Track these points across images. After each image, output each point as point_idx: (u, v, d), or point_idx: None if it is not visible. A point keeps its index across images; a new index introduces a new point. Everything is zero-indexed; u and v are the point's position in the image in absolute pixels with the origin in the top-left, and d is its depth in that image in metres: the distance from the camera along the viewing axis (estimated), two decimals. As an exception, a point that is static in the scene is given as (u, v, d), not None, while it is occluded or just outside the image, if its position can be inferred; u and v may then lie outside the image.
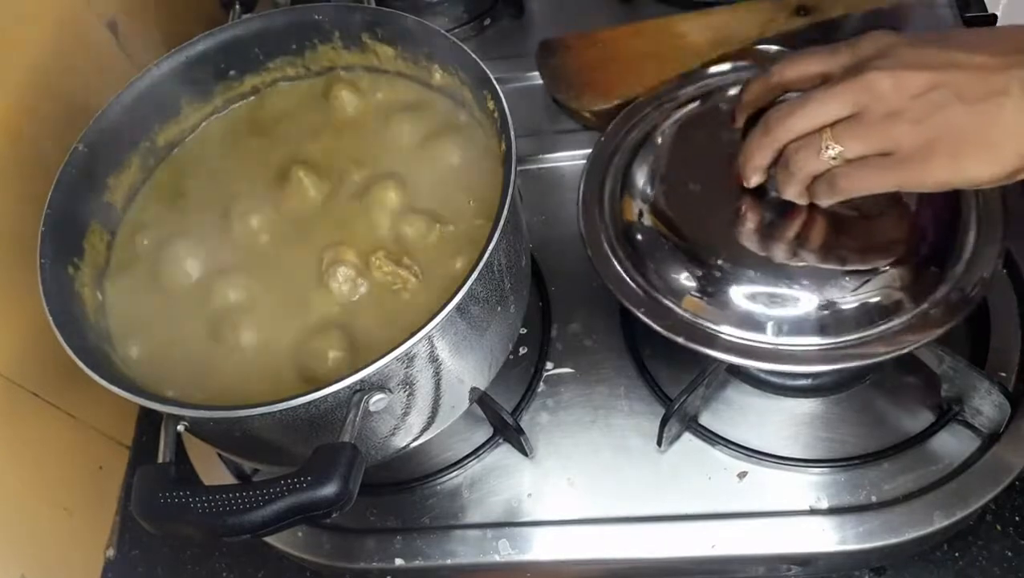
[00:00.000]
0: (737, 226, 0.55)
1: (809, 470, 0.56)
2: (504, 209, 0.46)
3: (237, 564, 0.64)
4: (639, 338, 0.62)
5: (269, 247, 0.55)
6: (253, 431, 0.46)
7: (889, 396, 0.58)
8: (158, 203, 0.59)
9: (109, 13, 0.71)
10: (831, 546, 0.53)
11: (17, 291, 0.56)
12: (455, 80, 0.57)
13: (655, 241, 0.56)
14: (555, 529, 0.56)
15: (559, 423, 0.60)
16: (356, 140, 0.59)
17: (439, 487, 0.59)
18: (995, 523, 0.56)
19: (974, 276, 0.51)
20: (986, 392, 0.53)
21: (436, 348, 0.46)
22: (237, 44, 0.60)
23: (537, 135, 0.74)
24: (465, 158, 0.56)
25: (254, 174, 0.58)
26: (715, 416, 0.59)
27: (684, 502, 0.56)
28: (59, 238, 0.51)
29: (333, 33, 0.60)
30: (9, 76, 0.59)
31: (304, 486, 0.40)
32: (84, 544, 0.64)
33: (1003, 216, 0.53)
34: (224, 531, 0.41)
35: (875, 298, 0.51)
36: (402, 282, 0.51)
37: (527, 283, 0.57)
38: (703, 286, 0.54)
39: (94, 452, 0.66)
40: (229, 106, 0.62)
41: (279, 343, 0.51)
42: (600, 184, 0.61)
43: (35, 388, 0.60)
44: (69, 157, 0.53)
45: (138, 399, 0.44)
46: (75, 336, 0.47)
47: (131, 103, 0.57)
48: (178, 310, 0.53)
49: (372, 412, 0.45)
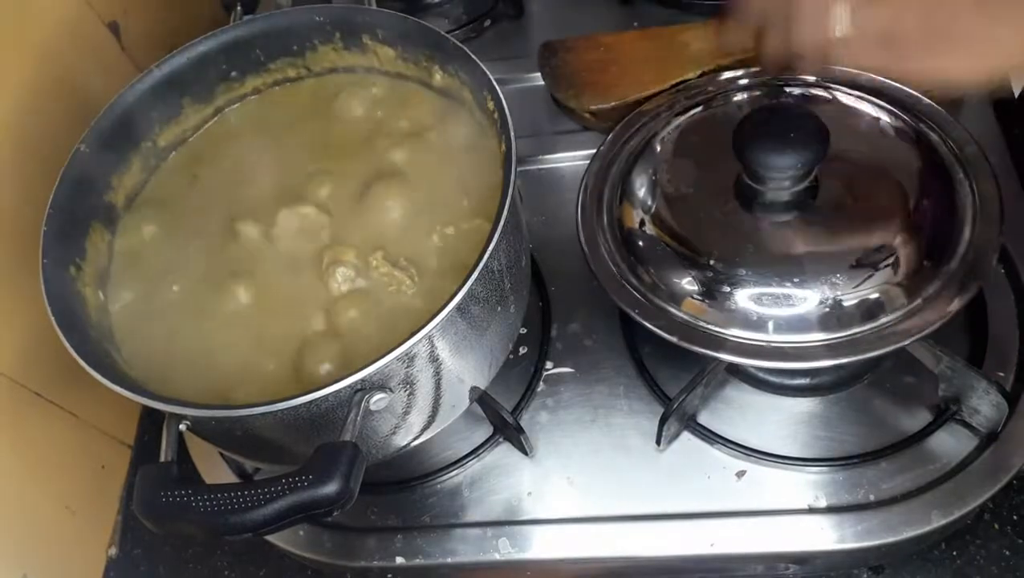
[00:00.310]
0: (736, 229, 0.55)
1: (807, 469, 0.56)
2: (504, 209, 0.47)
3: (239, 563, 0.64)
4: (638, 338, 0.62)
5: (269, 247, 0.55)
6: (254, 430, 0.47)
7: (887, 395, 0.58)
8: (159, 203, 0.59)
9: (111, 14, 0.71)
10: (829, 545, 0.53)
11: (19, 291, 0.57)
12: (455, 81, 0.57)
13: (655, 246, 0.57)
14: (555, 528, 0.57)
15: (559, 422, 0.60)
16: (357, 141, 0.59)
17: (439, 486, 0.60)
18: (993, 522, 0.56)
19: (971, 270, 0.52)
20: (984, 392, 0.53)
21: (436, 348, 0.47)
22: (238, 45, 0.60)
23: (537, 136, 0.74)
24: (465, 159, 0.56)
25: (255, 174, 0.59)
26: (714, 415, 0.59)
27: (683, 501, 0.56)
28: (61, 238, 0.51)
29: (334, 34, 0.60)
30: (11, 76, 0.60)
31: (305, 485, 0.40)
32: (86, 543, 0.65)
33: (999, 212, 0.54)
34: (226, 530, 0.41)
35: (874, 295, 0.52)
36: (396, 283, 0.52)
37: (527, 283, 0.57)
38: (703, 289, 0.54)
39: (96, 451, 0.67)
40: (230, 107, 0.62)
41: (279, 343, 0.51)
42: (600, 190, 0.61)
43: (38, 388, 0.60)
44: (71, 158, 0.53)
45: (140, 398, 0.45)
46: (77, 336, 0.47)
47: (132, 104, 0.57)
48: (179, 310, 0.54)
49: (373, 411, 0.45)
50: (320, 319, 0.52)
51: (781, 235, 0.55)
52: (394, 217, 0.55)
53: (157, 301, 0.54)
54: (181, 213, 0.58)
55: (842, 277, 0.52)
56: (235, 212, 0.56)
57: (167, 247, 0.56)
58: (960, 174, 0.56)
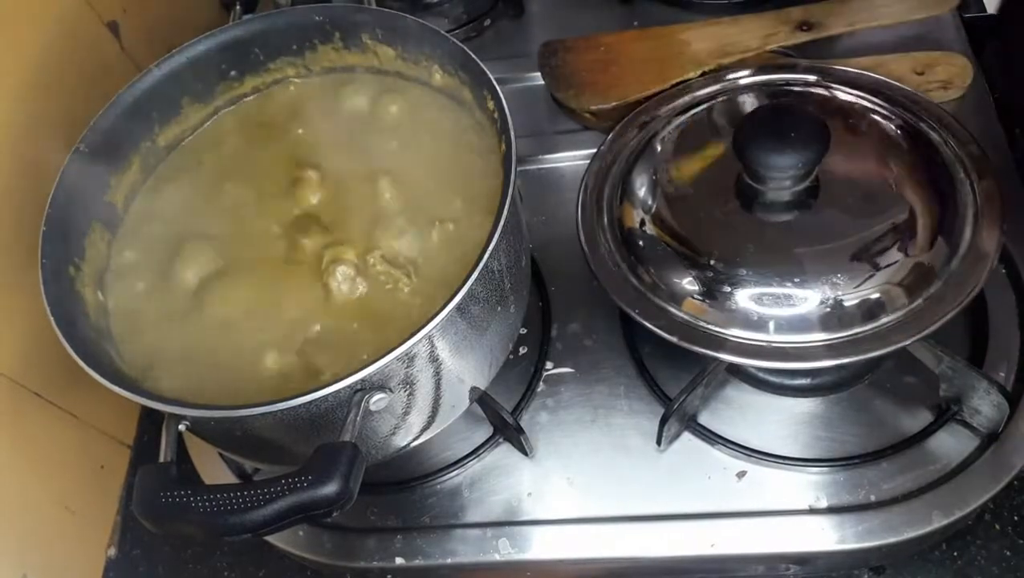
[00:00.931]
0: (736, 229, 0.55)
1: (808, 469, 0.56)
2: (504, 209, 0.47)
3: (238, 563, 0.64)
4: (639, 338, 0.62)
5: (269, 246, 0.55)
6: (254, 430, 0.46)
7: (888, 396, 0.58)
8: (160, 202, 0.59)
9: (110, 13, 0.71)
10: (830, 545, 0.53)
11: (19, 291, 0.57)
12: (455, 80, 0.57)
13: (655, 246, 0.57)
14: (555, 528, 0.57)
15: (559, 422, 0.60)
16: (357, 140, 0.59)
17: (439, 486, 0.60)
18: (994, 522, 0.56)
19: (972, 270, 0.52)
20: (985, 392, 0.53)
21: (436, 348, 0.47)
22: (238, 45, 0.60)
23: (537, 135, 0.74)
24: (465, 158, 0.56)
25: (255, 174, 0.58)
26: (714, 415, 0.59)
27: (683, 501, 0.56)
28: (60, 238, 0.51)
29: (333, 34, 0.60)
30: (10, 76, 0.59)
31: (305, 485, 0.40)
32: (86, 543, 0.65)
33: (1000, 211, 0.54)
34: (225, 530, 0.41)
35: (874, 295, 0.52)
36: (395, 283, 0.52)
37: (527, 283, 0.57)
38: (703, 289, 0.54)
39: (96, 451, 0.67)
40: (230, 106, 0.62)
41: (279, 342, 0.51)
42: (600, 190, 0.61)
43: (37, 388, 0.60)
44: (70, 157, 0.53)
45: (139, 398, 0.45)
46: (77, 336, 0.47)
47: (132, 103, 0.57)
48: (178, 310, 0.54)
49: (373, 411, 0.45)
50: (320, 319, 0.52)
51: (781, 235, 0.55)
52: (394, 217, 0.55)
53: (156, 301, 0.54)
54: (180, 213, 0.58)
55: (843, 277, 0.52)
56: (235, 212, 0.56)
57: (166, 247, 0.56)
58: (961, 174, 0.56)
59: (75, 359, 0.45)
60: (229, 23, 0.60)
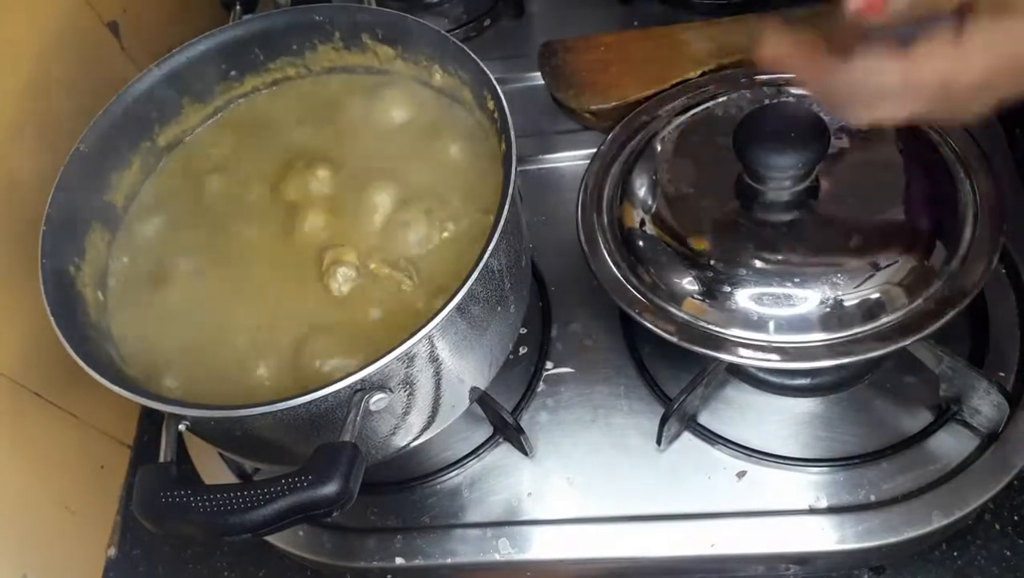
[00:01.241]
0: (736, 229, 0.55)
1: (808, 469, 0.56)
2: (504, 209, 0.47)
3: (238, 563, 0.64)
4: (638, 338, 0.62)
5: (269, 246, 0.55)
6: (254, 430, 0.46)
7: (888, 396, 0.58)
8: (159, 201, 0.59)
9: (110, 13, 0.71)
10: (830, 545, 0.53)
11: (19, 291, 0.57)
12: (455, 80, 0.57)
13: (655, 246, 0.57)
14: (555, 528, 0.57)
15: (559, 422, 0.60)
16: (357, 140, 0.59)
17: (439, 486, 0.60)
18: (994, 522, 0.56)
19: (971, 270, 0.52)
20: (985, 392, 0.53)
21: (436, 348, 0.47)
22: (238, 45, 0.60)
23: (537, 135, 0.74)
24: (465, 159, 0.56)
25: (255, 174, 0.58)
26: (714, 415, 0.59)
27: (683, 501, 0.56)
28: (60, 238, 0.51)
29: (333, 34, 0.60)
30: (10, 76, 0.59)
31: (305, 485, 0.40)
32: (86, 543, 0.65)
33: (1000, 211, 0.54)
34: (225, 530, 0.41)
35: (874, 295, 0.52)
36: (396, 283, 0.52)
37: (527, 283, 0.57)
38: (703, 289, 0.54)
39: (96, 451, 0.67)
40: (230, 106, 0.62)
41: (279, 343, 0.51)
42: (600, 190, 0.61)
43: (37, 388, 0.60)
44: (70, 157, 0.53)
45: (139, 398, 0.45)
46: (77, 336, 0.47)
47: (132, 103, 0.57)
48: (179, 310, 0.54)
49: (373, 411, 0.45)
50: (320, 319, 0.52)
51: (782, 235, 0.55)
52: (394, 217, 0.54)
53: (156, 301, 0.54)
54: (180, 212, 0.58)
55: (843, 277, 0.52)
56: (235, 212, 0.56)
57: (166, 247, 0.56)
58: (961, 173, 0.56)
59: (75, 359, 0.45)
60: (229, 23, 0.60)
